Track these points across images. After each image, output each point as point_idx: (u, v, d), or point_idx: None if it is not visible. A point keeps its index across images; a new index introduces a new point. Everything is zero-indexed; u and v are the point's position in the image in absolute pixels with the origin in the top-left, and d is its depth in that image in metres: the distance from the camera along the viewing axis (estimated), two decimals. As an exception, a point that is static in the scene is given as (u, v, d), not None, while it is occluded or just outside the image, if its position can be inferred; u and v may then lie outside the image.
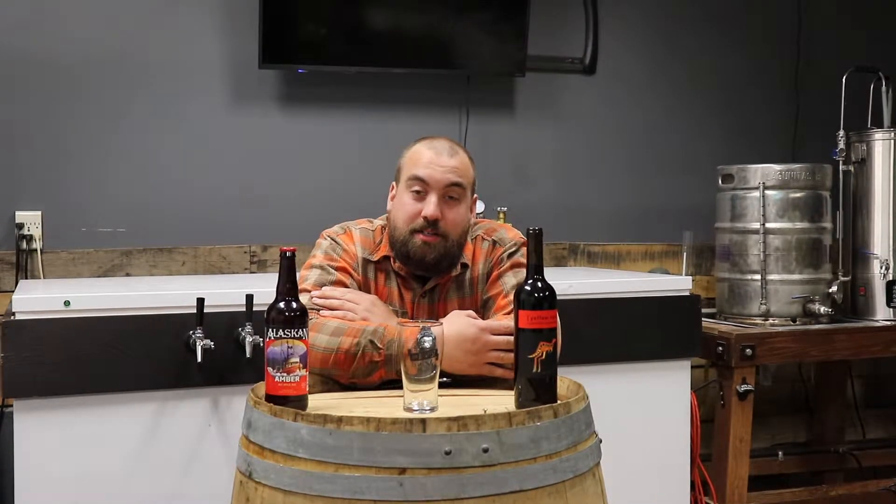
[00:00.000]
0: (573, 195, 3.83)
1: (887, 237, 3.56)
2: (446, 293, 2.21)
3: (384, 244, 2.22)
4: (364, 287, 2.22)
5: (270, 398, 1.76)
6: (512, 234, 2.26)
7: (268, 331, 1.78)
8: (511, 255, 2.22)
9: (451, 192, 2.14)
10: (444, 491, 1.58)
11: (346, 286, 2.18)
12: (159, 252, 3.31)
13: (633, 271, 3.77)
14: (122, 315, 2.50)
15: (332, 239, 2.25)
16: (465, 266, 2.22)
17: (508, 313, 2.08)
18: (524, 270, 2.01)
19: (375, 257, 2.22)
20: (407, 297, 2.21)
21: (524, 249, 2.12)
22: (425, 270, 2.18)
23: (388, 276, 2.23)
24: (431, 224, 2.12)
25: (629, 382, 3.02)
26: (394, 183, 2.25)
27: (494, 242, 2.24)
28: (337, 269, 2.19)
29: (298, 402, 1.76)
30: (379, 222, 2.29)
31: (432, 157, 2.15)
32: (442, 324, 1.91)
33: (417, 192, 2.14)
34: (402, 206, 2.16)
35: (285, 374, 1.76)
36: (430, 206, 2.12)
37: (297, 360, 1.76)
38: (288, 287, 1.80)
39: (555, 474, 1.67)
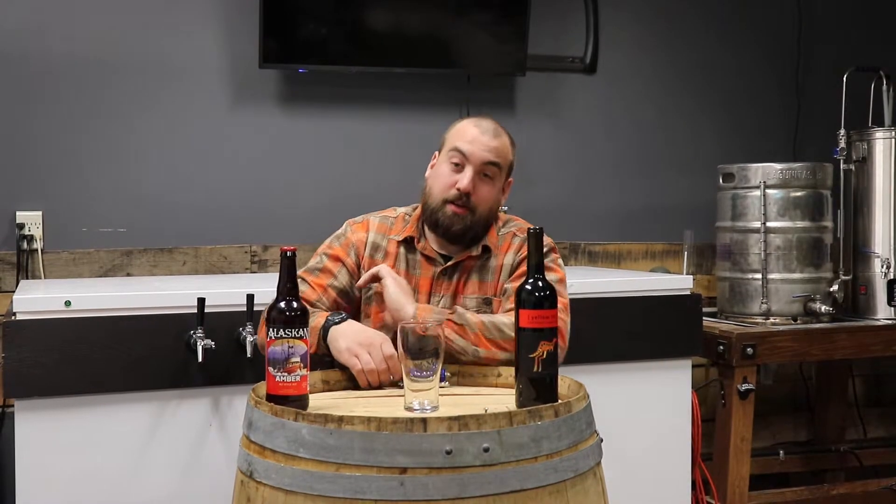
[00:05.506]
0: (574, 194, 3.83)
1: (888, 236, 3.56)
2: (468, 274, 2.27)
3: (411, 226, 2.31)
4: (376, 262, 2.29)
5: (271, 398, 1.76)
6: (546, 239, 2.31)
7: (268, 330, 1.78)
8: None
9: (487, 170, 2.24)
10: (444, 490, 1.58)
11: (332, 274, 2.27)
12: (160, 252, 3.31)
13: (634, 270, 3.76)
14: (122, 315, 2.50)
15: (346, 227, 2.37)
16: (486, 249, 2.28)
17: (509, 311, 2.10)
18: (553, 275, 2.19)
19: (401, 237, 2.30)
20: (428, 273, 2.27)
21: (553, 256, 2.29)
22: (450, 240, 2.27)
23: (410, 255, 2.30)
24: (463, 196, 2.21)
25: (630, 382, 3.02)
26: (436, 153, 2.34)
27: (524, 240, 2.30)
28: (329, 256, 2.30)
29: (299, 402, 1.76)
30: (402, 210, 2.38)
31: (476, 134, 2.25)
32: (442, 324, 1.92)
33: (456, 164, 2.24)
34: (440, 176, 2.26)
35: (286, 374, 1.76)
36: (465, 180, 2.22)
37: (298, 359, 1.76)
38: (288, 287, 1.80)
39: (556, 474, 1.67)
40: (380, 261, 2.30)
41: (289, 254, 1.82)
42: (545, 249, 2.26)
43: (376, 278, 2.20)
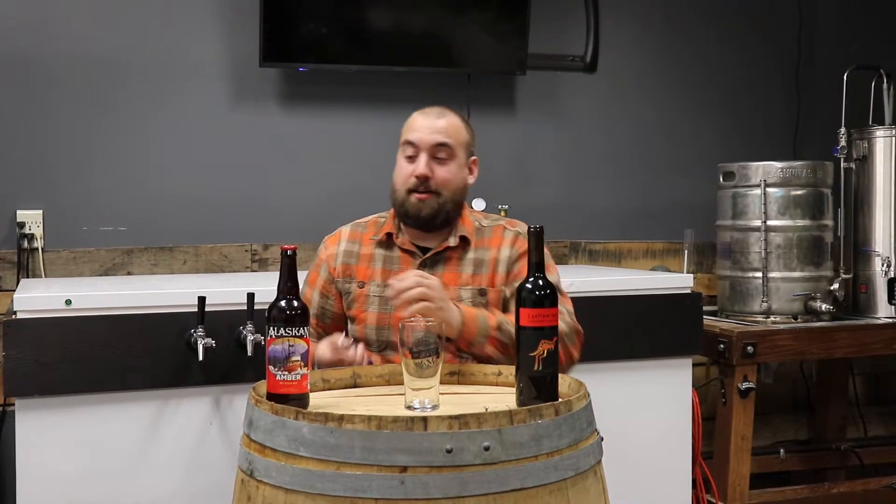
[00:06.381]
0: (574, 193, 3.83)
1: (889, 234, 3.56)
2: (456, 265, 2.28)
3: (387, 224, 2.34)
4: (350, 268, 2.34)
5: (272, 397, 1.76)
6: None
7: (269, 329, 1.78)
8: None
9: (439, 152, 2.27)
10: (445, 489, 1.58)
11: (308, 300, 2.31)
12: (160, 251, 3.31)
13: (634, 269, 3.77)
14: (123, 314, 2.50)
15: (321, 245, 2.41)
16: (465, 240, 2.29)
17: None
18: (555, 272, 2.25)
19: (379, 236, 2.33)
20: (408, 266, 2.29)
21: (555, 274, 2.29)
22: (423, 228, 2.29)
23: (388, 253, 2.32)
24: (423, 182, 2.25)
25: (630, 380, 3.02)
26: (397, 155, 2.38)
27: (518, 233, 2.33)
28: (307, 283, 2.36)
29: (299, 401, 1.76)
30: (374, 216, 2.41)
31: (422, 121, 2.30)
32: (443, 322, 1.93)
33: (410, 156, 2.28)
34: (398, 170, 2.31)
35: (286, 373, 1.76)
36: (420, 166, 2.26)
37: (298, 358, 1.76)
38: (289, 285, 1.80)
39: (556, 472, 1.67)
40: (353, 265, 2.33)
41: (289, 252, 1.82)
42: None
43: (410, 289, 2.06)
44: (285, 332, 1.76)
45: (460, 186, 2.31)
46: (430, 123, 2.28)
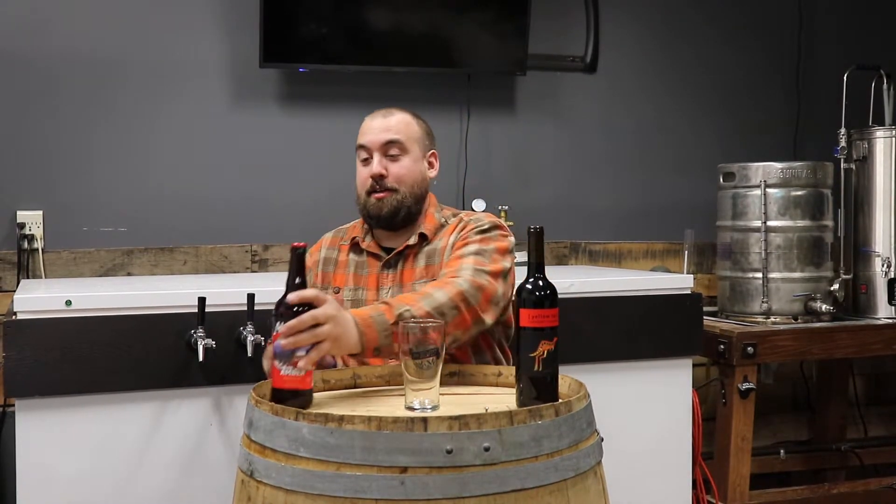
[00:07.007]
0: (574, 194, 3.83)
1: (889, 235, 3.56)
2: (413, 261, 2.29)
3: (356, 229, 2.39)
4: (328, 276, 2.38)
5: (276, 391, 1.77)
6: (490, 218, 2.32)
7: (276, 324, 1.78)
8: (483, 231, 2.25)
9: (390, 150, 2.30)
10: (445, 490, 1.58)
11: None
12: (161, 251, 3.31)
13: (634, 270, 3.76)
14: (123, 314, 2.50)
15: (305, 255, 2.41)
16: (423, 236, 2.30)
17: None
18: (492, 244, 2.17)
19: (347, 241, 2.38)
20: (374, 269, 2.31)
21: (498, 232, 2.25)
22: (386, 227, 2.31)
23: (358, 259, 2.35)
24: (379, 182, 2.27)
25: (631, 381, 3.02)
26: None
27: (471, 220, 2.31)
28: None
29: (303, 396, 1.78)
30: (356, 221, 2.43)
31: (369, 124, 2.33)
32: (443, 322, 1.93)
33: (364, 159, 2.32)
34: (357, 176, 2.34)
35: (291, 367, 1.77)
36: (373, 166, 2.28)
37: (303, 353, 1.77)
38: (297, 282, 1.81)
39: (556, 473, 1.67)
40: (330, 273, 2.36)
41: (299, 250, 1.84)
42: (487, 226, 2.26)
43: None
44: (291, 328, 1.77)
45: (418, 180, 2.32)
46: (378, 124, 2.31)
